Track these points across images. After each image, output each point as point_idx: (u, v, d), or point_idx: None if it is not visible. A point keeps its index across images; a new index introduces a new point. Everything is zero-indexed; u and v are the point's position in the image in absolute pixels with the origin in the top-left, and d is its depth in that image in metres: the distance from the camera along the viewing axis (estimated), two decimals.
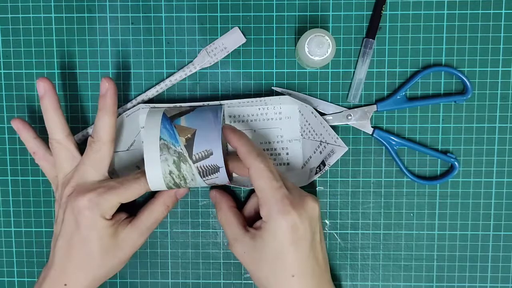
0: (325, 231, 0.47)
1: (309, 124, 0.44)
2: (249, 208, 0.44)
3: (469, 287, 0.46)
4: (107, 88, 0.41)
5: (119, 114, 0.45)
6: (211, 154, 0.39)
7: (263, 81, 0.46)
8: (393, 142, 0.45)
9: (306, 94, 0.45)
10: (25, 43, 0.46)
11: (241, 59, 0.45)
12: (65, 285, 0.40)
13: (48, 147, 0.43)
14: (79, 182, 0.41)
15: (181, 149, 0.39)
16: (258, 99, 0.44)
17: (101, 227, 0.40)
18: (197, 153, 0.39)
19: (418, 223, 0.46)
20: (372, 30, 0.44)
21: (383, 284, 0.47)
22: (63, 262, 0.40)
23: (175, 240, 0.47)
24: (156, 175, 0.40)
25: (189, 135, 0.40)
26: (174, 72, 0.45)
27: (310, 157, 0.45)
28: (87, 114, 0.46)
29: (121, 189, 0.40)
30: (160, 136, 0.40)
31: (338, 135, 0.45)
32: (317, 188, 0.46)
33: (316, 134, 0.44)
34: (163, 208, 0.44)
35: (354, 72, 0.45)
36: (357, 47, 0.45)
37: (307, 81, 0.45)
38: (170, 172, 0.40)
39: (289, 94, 0.45)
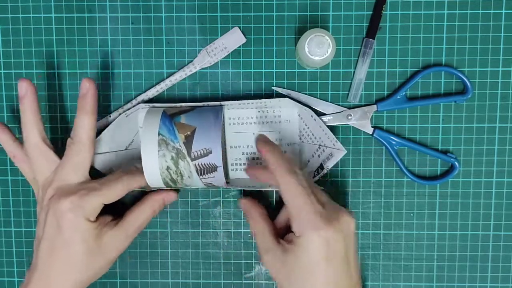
0: None
1: (308, 128, 0.44)
2: (281, 219, 0.43)
3: (469, 287, 0.47)
4: (87, 88, 0.41)
5: (119, 114, 0.45)
6: (210, 152, 0.39)
7: (263, 81, 0.46)
8: (393, 142, 0.45)
9: (306, 94, 0.45)
10: (25, 43, 0.46)
11: (241, 59, 0.45)
12: None
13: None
14: (59, 184, 0.40)
15: (180, 145, 0.39)
16: (258, 100, 0.44)
17: (84, 229, 0.39)
18: (196, 151, 0.39)
19: (418, 223, 0.46)
20: (372, 30, 0.44)
21: (383, 284, 0.47)
22: (47, 266, 0.40)
23: (175, 240, 0.47)
24: (153, 169, 0.40)
25: (188, 133, 0.40)
26: (174, 72, 0.45)
27: (309, 161, 0.44)
28: None
29: (103, 189, 0.40)
30: (158, 132, 0.40)
31: (338, 135, 0.45)
32: None
33: (315, 138, 0.44)
34: (150, 211, 0.43)
35: (354, 72, 0.45)
36: (357, 47, 0.45)
37: (307, 81, 0.45)
38: (168, 168, 0.40)
39: (289, 94, 0.45)
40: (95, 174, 0.43)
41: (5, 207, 0.48)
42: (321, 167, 0.43)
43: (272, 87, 0.45)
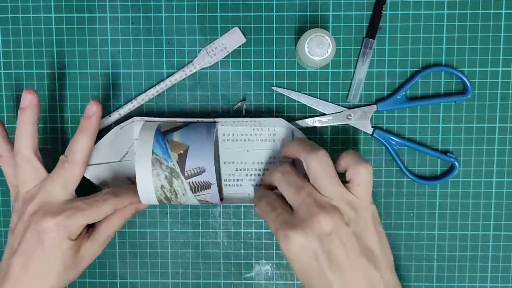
0: None
1: None
2: None
3: (469, 287, 0.46)
4: (94, 111, 0.41)
5: (119, 114, 0.45)
6: (204, 171, 0.40)
7: (263, 81, 0.46)
8: (393, 142, 0.45)
9: (306, 94, 0.45)
10: (25, 43, 0.46)
11: (241, 59, 0.45)
12: None
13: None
14: (44, 200, 0.40)
15: (174, 165, 0.40)
16: (252, 119, 0.44)
17: (65, 247, 0.39)
18: (190, 170, 0.40)
19: (418, 223, 0.46)
20: (372, 30, 0.44)
21: None
22: (20, 276, 0.39)
23: (175, 240, 0.47)
24: (147, 189, 0.40)
25: (181, 151, 0.40)
26: (174, 72, 0.45)
27: None
28: None
29: (88, 210, 0.40)
30: (152, 151, 0.40)
31: (338, 135, 0.46)
32: None
33: None
34: (122, 220, 0.44)
35: (354, 72, 0.45)
36: (357, 47, 0.45)
37: (307, 81, 0.45)
38: (162, 187, 0.40)
39: (289, 94, 0.45)
40: (86, 185, 0.43)
41: (5, 207, 0.48)
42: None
43: (272, 87, 0.45)
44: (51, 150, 0.47)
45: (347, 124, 0.45)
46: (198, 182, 0.40)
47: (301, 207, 0.36)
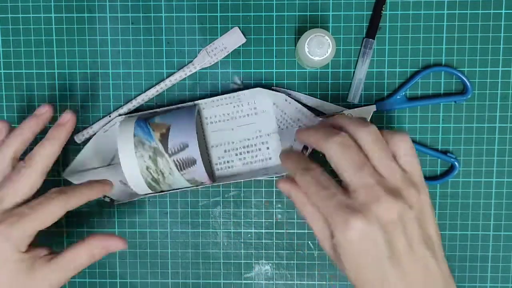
0: None
1: (285, 114, 0.44)
2: None
3: (469, 287, 0.46)
4: (68, 119, 0.39)
5: (119, 114, 0.45)
6: (187, 146, 0.40)
7: (263, 81, 0.46)
8: None
9: (306, 94, 0.45)
10: (25, 43, 0.46)
11: (241, 59, 0.45)
12: None
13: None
14: None
15: (156, 144, 0.40)
16: (231, 94, 0.44)
17: (13, 261, 0.35)
18: (173, 147, 0.40)
19: None
20: (372, 30, 0.44)
21: None
22: None
23: (175, 240, 0.47)
24: (133, 171, 0.40)
25: (163, 130, 0.40)
26: (174, 72, 0.45)
27: (291, 146, 0.45)
28: (87, 114, 0.46)
29: (33, 214, 0.35)
30: (134, 133, 0.40)
31: None
32: None
33: (293, 121, 0.44)
34: (88, 256, 0.38)
35: (354, 72, 0.45)
36: (357, 47, 0.45)
37: (307, 81, 0.45)
38: (147, 168, 0.40)
39: (289, 94, 0.45)
40: None
41: None
42: (305, 147, 0.43)
43: (272, 87, 0.45)
44: None
45: None
46: (183, 158, 0.40)
47: (362, 189, 0.32)
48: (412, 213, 0.32)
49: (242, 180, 0.45)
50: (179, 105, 0.44)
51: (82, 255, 0.38)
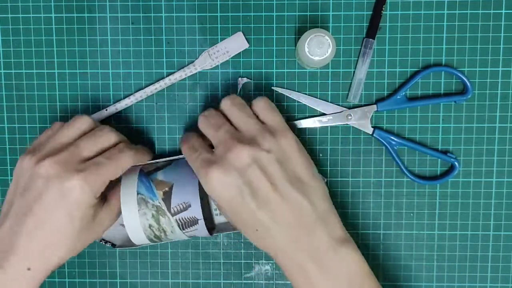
0: None
1: None
2: None
3: (469, 287, 0.46)
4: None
5: (116, 109, 0.45)
6: (190, 206, 0.40)
7: (263, 81, 0.46)
8: (393, 142, 0.45)
9: (306, 94, 0.45)
10: (25, 43, 0.46)
11: (241, 59, 0.45)
12: (29, 269, 0.37)
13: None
14: (64, 159, 0.38)
15: (159, 202, 0.40)
16: None
17: (88, 206, 0.38)
18: (175, 206, 0.40)
19: (418, 223, 0.46)
20: (372, 30, 0.44)
21: (383, 284, 0.47)
22: (29, 244, 0.37)
23: (174, 240, 0.47)
24: (136, 229, 0.40)
25: (166, 189, 0.40)
26: (174, 72, 0.45)
27: None
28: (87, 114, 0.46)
29: (109, 164, 0.38)
30: (137, 191, 0.40)
31: (338, 135, 0.46)
32: None
33: None
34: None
35: (354, 72, 0.45)
36: (357, 47, 0.45)
37: (307, 81, 0.45)
38: (150, 226, 0.40)
39: (289, 94, 0.45)
40: None
41: None
42: None
43: (272, 87, 0.45)
44: None
45: (347, 124, 0.45)
46: (185, 218, 0.40)
47: (219, 144, 0.37)
48: (271, 156, 0.36)
49: (237, 231, 0.45)
50: (181, 156, 0.43)
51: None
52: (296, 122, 0.45)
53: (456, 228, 0.46)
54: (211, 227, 0.45)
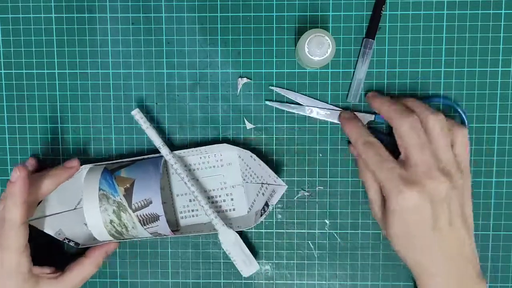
0: (324, 231, 0.47)
1: (249, 168, 0.44)
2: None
3: None
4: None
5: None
6: (151, 202, 0.40)
7: (263, 81, 0.46)
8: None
9: (306, 94, 0.45)
10: (25, 43, 0.46)
11: (241, 59, 0.45)
12: None
13: None
14: None
15: (120, 198, 0.40)
16: (197, 148, 0.44)
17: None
18: (136, 202, 0.40)
19: None
20: (372, 30, 0.44)
21: (383, 284, 0.47)
22: None
23: (175, 240, 0.47)
24: (97, 224, 0.41)
25: (128, 185, 0.40)
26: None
27: (255, 200, 0.45)
28: (87, 114, 0.46)
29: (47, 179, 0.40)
30: (99, 187, 0.41)
31: (338, 135, 0.46)
32: (317, 188, 0.46)
33: (257, 177, 0.44)
34: (93, 266, 0.43)
35: (354, 72, 0.45)
36: (357, 47, 0.45)
37: (307, 81, 0.45)
38: (111, 221, 0.41)
39: (287, 95, 0.45)
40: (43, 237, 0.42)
41: None
42: (266, 204, 0.43)
43: (271, 87, 0.45)
44: (52, 150, 0.47)
45: None
46: (146, 214, 0.40)
47: (422, 166, 0.38)
48: (456, 194, 0.38)
49: (204, 233, 0.45)
50: (146, 156, 0.44)
51: (87, 266, 0.43)
52: (294, 110, 0.45)
53: None
54: (176, 229, 0.46)
